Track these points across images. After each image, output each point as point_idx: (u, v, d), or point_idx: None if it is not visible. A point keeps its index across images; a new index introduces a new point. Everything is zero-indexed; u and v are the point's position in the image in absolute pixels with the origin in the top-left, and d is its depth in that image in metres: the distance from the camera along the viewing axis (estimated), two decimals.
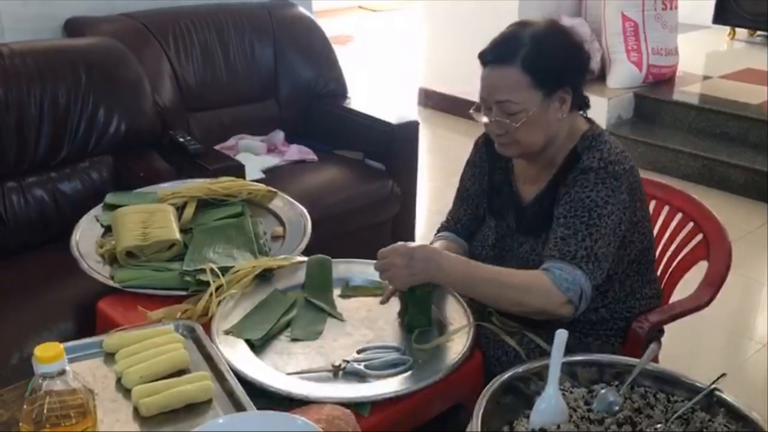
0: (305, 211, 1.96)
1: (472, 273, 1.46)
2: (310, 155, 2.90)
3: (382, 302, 1.57)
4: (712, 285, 1.66)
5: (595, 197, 1.45)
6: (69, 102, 2.25)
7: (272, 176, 2.67)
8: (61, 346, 0.93)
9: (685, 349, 2.56)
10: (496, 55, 1.48)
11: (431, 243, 1.72)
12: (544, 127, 1.49)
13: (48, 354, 0.92)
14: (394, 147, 2.84)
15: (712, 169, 4.00)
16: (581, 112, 1.59)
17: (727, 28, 5.84)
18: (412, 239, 2.95)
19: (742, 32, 5.85)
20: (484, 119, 1.52)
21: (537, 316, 1.47)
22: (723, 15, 5.60)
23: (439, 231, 1.79)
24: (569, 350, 1.23)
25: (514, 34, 1.49)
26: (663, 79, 4.64)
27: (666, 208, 1.89)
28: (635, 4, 4.47)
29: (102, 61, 2.37)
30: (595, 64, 4.57)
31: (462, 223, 1.74)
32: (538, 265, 1.49)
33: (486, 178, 1.69)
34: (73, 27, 2.69)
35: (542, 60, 1.45)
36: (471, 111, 1.57)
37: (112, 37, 2.55)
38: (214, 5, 2.99)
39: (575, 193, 1.46)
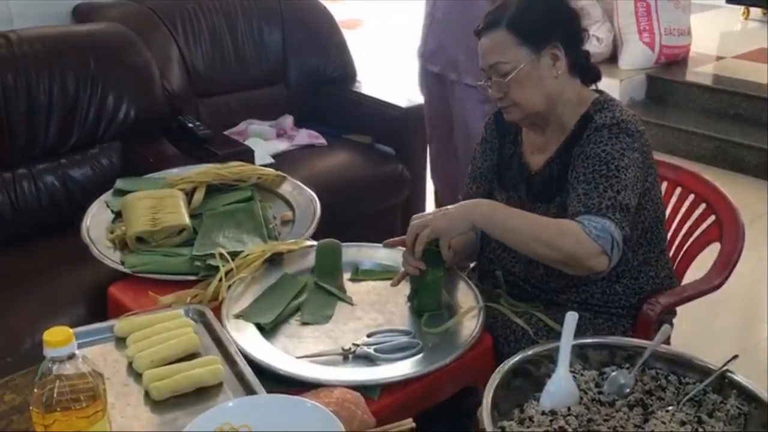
0: (314, 195, 1.95)
1: (508, 210, 1.49)
2: (319, 140, 2.89)
3: (393, 285, 1.57)
4: (725, 267, 1.65)
5: (611, 150, 1.46)
6: (78, 88, 2.26)
7: (281, 161, 2.67)
8: (70, 330, 0.94)
9: (697, 330, 2.55)
10: (486, 23, 1.55)
11: None
12: (537, 83, 1.51)
13: (57, 338, 0.92)
14: (404, 131, 2.83)
15: (725, 151, 3.96)
16: (593, 87, 1.60)
17: (741, 8, 5.76)
18: None
19: (756, 12, 5.77)
20: (488, 88, 1.56)
21: (571, 270, 1.43)
22: None
23: None
24: (579, 331, 1.22)
25: (503, 3, 1.56)
26: (676, 60, 4.59)
27: (678, 190, 1.87)
28: None
29: (110, 46, 2.37)
30: (606, 46, 4.53)
31: None
32: None
33: (496, 154, 1.71)
34: (82, 13, 2.70)
35: (525, 17, 1.51)
36: (478, 83, 1.64)
37: (120, 22, 2.54)
38: None
39: (590, 150, 1.47)
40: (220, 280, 1.54)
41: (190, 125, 2.46)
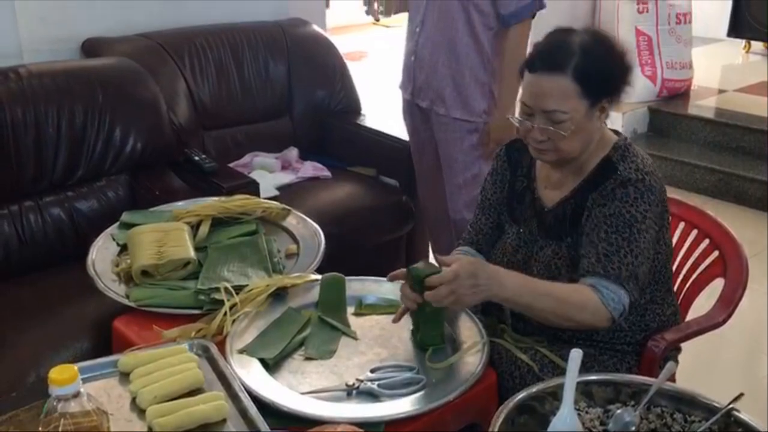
0: (319, 228, 1.97)
1: (531, 289, 1.47)
2: (324, 172, 2.91)
3: (395, 321, 1.57)
4: (729, 303, 1.65)
5: (635, 212, 1.47)
6: (86, 122, 2.28)
7: (286, 193, 2.69)
8: (76, 368, 0.94)
9: (702, 365, 2.53)
10: (547, 63, 1.47)
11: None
12: (583, 133, 1.50)
13: (63, 376, 0.92)
14: (407, 163, 2.84)
15: (728, 183, 3.97)
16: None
17: (742, 41, 5.82)
18: (426, 256, 2.95)
19: (757, 45, 5.82)
20: (527, 124, 1.52)
21: (574, 328, 1.49)
22: (737, 28, 5.57)
23: (460, 244, 1.79)
24: (584, 367, 1.22)
25: (563, 42, 1.49)
26: (678, 93, 4.63)
27: (682, 224, 1.88)
28: (649, 17, 4.47)
29: (118, 80, 2.40)
30: None
31: (484, 232, 1.74)
32: (561, 269, 1.53)
33: (507, 186, 1.71)
34: (91, 47, 2.73)
35: (592, 70, 1.46)
36: (510, 116, 1.59)
37: (129, 56, 2.58)
38: (229, 24, 3.02)
39: (615, 208, 1.48)
40: (225, 314, 1.54)
41: (196, 158, 2.49)
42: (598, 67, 1.47)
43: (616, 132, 1.61)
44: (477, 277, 1.41)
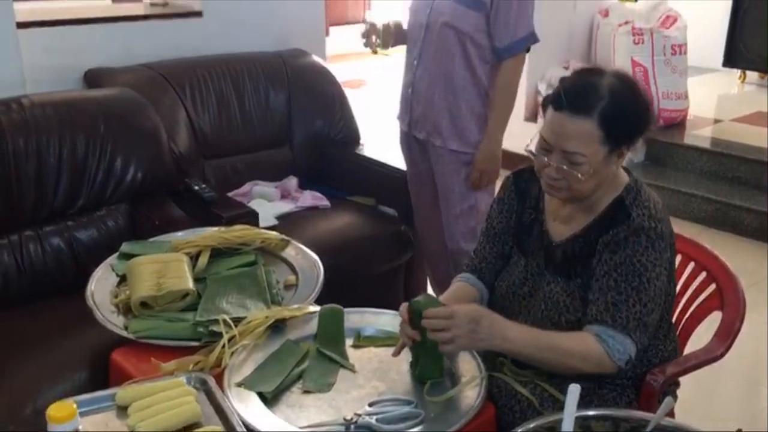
0: (318, 259, 1.97)
1: (534, 341, 1.46)
2: (323, 201, 2.92)
3: (394, 355, 1.56)
4: (727, 337, 1.65)
5: (646, 261, 1.47)
6: (87, 151, 2.30)
7: (286, 223, 2.70)
8: (74, 405, 0.95)
9: (701, 397, 2.52)
10: (575, 104, 1.45)
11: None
12: (599, 175, 1.50)
13: (61, 414, 0.93)
14: (406, 193, 2.85)
15: (725, 213, 3.99)
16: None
17: (738, 71, 5.87)
18: (425, 286, 2.95)
19: (752, 75, 5.88)
20: (543, 160, 1.51)
21: (577, 375, 1.48)
22: (733, 58, 5.63)
23: (462, 270, 1.79)
24: (583, 401, 1.22)
25: (592, 84, 1.48)
26: (674, 123, 4.67)
27: (679, 257, 1.88)
28: (644, 49, 4.52)
29: (120, 111, 2.42)
30: None
31: (488, 261, 1.74)
32: (571, 307, 1.54)
33: (514, 216, 1.70)
34: (93, 77, 2.76)
35: (618, 118, 1.45)
36: (528, 148, 1.56)
37: (131, 86, 2.60)
38: (230, 55, 3.05)
39: (626, 256, 1.47)
40: (223, 346, 1.54)
41: (196, 188, 2.50)
42: (624, 114, 1.46)
43: (626, 170, 1.61)
44: (478, 323, 1.41)
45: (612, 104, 1.45)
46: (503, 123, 2.48)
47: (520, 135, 2.99)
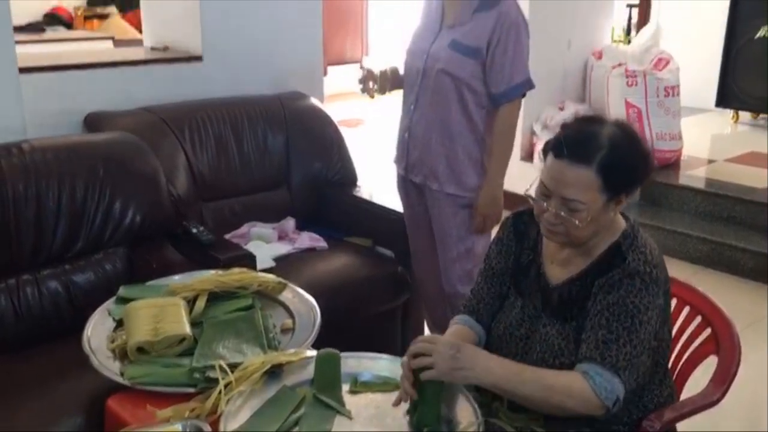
0: (314, 303, 1.98)
1: (517, 374, 1.47)
2: (320, 243, 2.94)
3: (395, 405, 1.56)
4: (723, 382, 1.65)
5: (638, 303, 1.48)
6: (86, 195, 2.31)
7: (283, 264, 2.70)
8: None
9: None
10: (575, 152, 1.48)
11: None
12: (597, 222, 1.52)
13: None
14: (403, 234, 2.87)
15: (720, 253, 4.01)
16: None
17: (731, 111, 5.94)
18: (422, 328, 2.95)
19: (745, 115, 5.95)
20: (542, 205, 1.54)
21: (566, 415, 1.47)
22: (726, 98, 5.72)
23: (460, 311, 1.79)
24: None
25: (592, 133, 1.50)
26: (669, 163, 4.71)
27: (674, 301, 1.89)
28: (638, 91, 4.58)
29: (119, 155, 2.45)
30: None
31: (485, 301, 1.74)
32: (566, 351, 1.53)
33: (512, 258, 1.71)
34: (93, 121, 2.80)
35: (617, 168, 1.48)
36: (527, 192, 1.58)
37: (130, 130, 2.63)
38: (229, 98, 3.10)
39: (620, 297, 1.48)
40: (219, 393, 1.54)
41: (194, 230, 2.51)
42: (623, 164, 1.49)
43: (624, 216, 1.63)
44: (459, 351, 1.44)
45: (611, 154, 1.47)
46: (503, 167, 2.51)
47: (517, 175, 3.04)
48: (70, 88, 2.83)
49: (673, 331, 1.86)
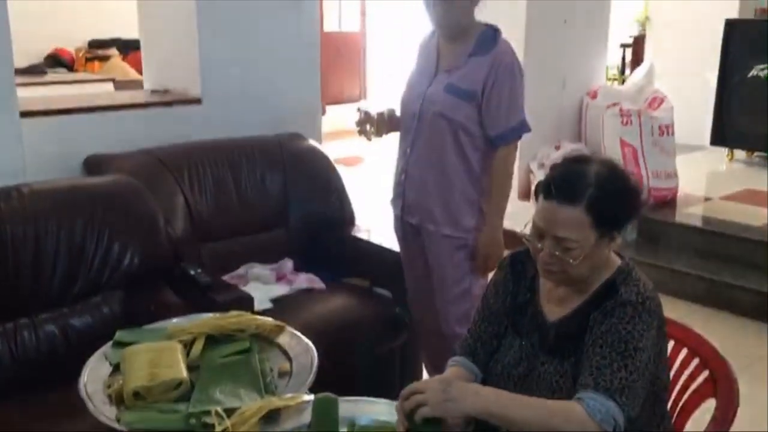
0: (312, 346, 1.97)
1: (512, 400, 1.47)
2: (318, 284, 2.94)
3: None
4: (721, 425, 1.64)
5: (632, 330, 1.49)
6: (85, 238, 2.33)
7: (281, 306, 2.70)
8: None
9: None
10: (563, 193, 1.52)
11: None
12: (593, 262, 1.55)
13: None
14: (400, 274, 2.88)
15: (718, 292, 4.01)
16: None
17: (726, 149, 5.99)
18: (420, 370, 2.94)
19: (740, 153, 6.00)
20: (537, 245, 1.56)
21: None
22: (720, 137, 5.75)
23: (455, 352, 1.79)
24: None
25: (579, 173, 1.54)
26: (665, 201, 4.73)
27: (671, 343, 1.89)
28: (633, 130, 4.63)
29: (118, 197, 2.46)
30: None
31: (482, 340, 1.75)
32: (564, 388, 1.53)
33: (509, 297, 1.73)
34: (92, 164, 2.82)
35: (606, 204, 1.51)
36: (522, 233, 1.61)
37: (129, 172, 2.66)
38: (228, 140, 3.13)
39: (612, 324, 1.50)
40: None
41: (192, 272, 2.52)
42: (611, 201, 1.52)
43: (620, 255, 1.65)
44: (449, 385, 1.46)
45: (599, 191, 1.50)
46: (502, 209, 2.53)
47: (514, 213, 3.05)
48: (70, 132, 2.86)
49: (671, 374, 1.86)
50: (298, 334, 2.05)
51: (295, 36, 3.48)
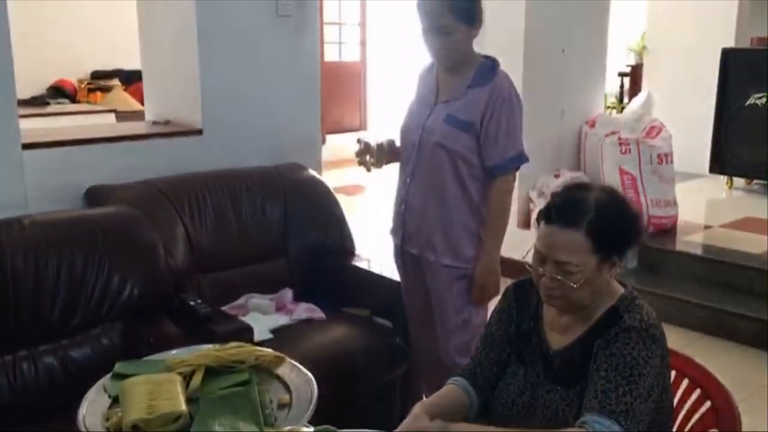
0: (312, 378, 1.96)
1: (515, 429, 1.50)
2: (317, 313, 2.93)
3: None
4: None
5: (636, 355, 1.50)
6: (85, 270, 2.33)
7: (280, 336, 2.70)
8: None
9: None
10: (563, 217, 1.56)
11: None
12: (594, 287, 1.57)
13: None
14: (400, 304, 2.87)
15: (720, 320, 3.99)
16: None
17: (725, 177, 6.01)
18: (420, 399, 2.90)
19: (739, 180, 6.02)
20: (539, 271, 1.58)
21: None
22: (719, 164, 5.79)
23: (458, 374, 1.80)
24: None
25: (579, 198, 1.58)
26: (665, 229, 4.74)
27: (672, 374, 1.89)
28: (631, 158, 4.65)
29: (119, 228, 2.47)
30: None
31: (483, 366, 1.76)
32: (569, 416, 1.54)
33: (513, 326, 1.73)
34: (94, 195, 2.83)
35: (605, 228, 1.54)
36: (524, 261, 1.64)
37: (130, 203, 2.67)
38: (228, 170, 3.14)
39: (617, 349, 1.51)
40: None
41: (192, 303, 2.52)
42: (611, 226, 1.55)
43: (622, 284, 1.67)
44: (448, 426, 1.48)
45: (598, 216, 1.54)
46: (499, 239, 2.53)
47: (514, 242, 3.06)
48: (72, 163, 2.87)
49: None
50: (298, 365, 2.04)
51: (295, 67, 3.52)
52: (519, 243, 3.44)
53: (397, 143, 2.69)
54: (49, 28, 6.41)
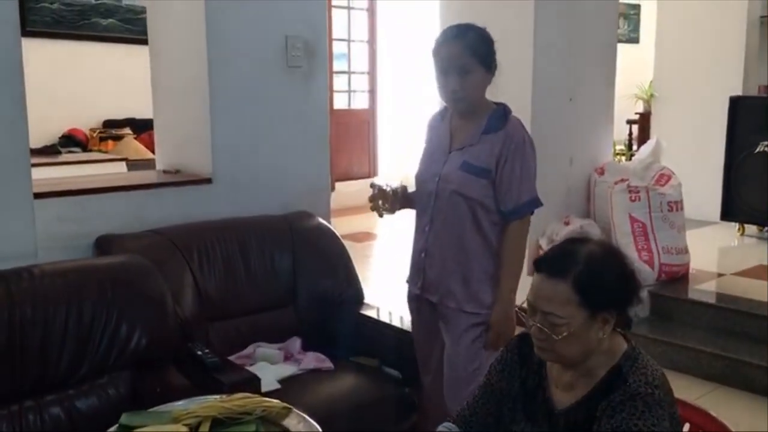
0: (320, 429, 1.94)
1: None
2: (326, 363, 2.91)
3: None
4: None
5: (642, 426, 1.46)
6: (93, 319, 2.32)
7: (288, 386, 2.67)
8: None
9: None
10: (551, 267, 1.55)
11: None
12: (584, 343, 1.54)
13: None
14: (410, 354, 2.84)
15: (735, 370, 3.92)
16: (619, 329, 1.63)
17: (736, 224, 5.97)
18: None
19: (751, 227, 5.98)
20: (529, 321, 1.57)
21: None
22: (730, 211, 5.74)
23: (448, 420, 1.77)
24: None
25: (570, 250, 1.58)
26: (676, 277, 4.69)
27: (686, 426, 1.85)
28: (641, 206, 4.63)
29: (127, 278, 2.47)
30: None
31: (478, 415, 1.74)
32: None
33: (518, 382, 1.71)
34: (103, 243, 2.85)
35: (593, 283, 1.52)
36: (520, 311, 1.63)
37: (139, 252, 2.67)
38: (237, 219, 3.16)
39: (623, 420, 1.48)
40: None
41: (199, 353, 2.50)
42: (599, 280, 1.53)
43: (626, 338, 1.63)
44: None
45: (587, 270, 1.52)
46: (514, 284, 2.52)
47: (523, 290, 3.02)
48: (83, 212, 2.89)
49: None
50: (306, 416, 2.02)
51: (304, 116, 3.56)
52: (527, 290, 3.41)
53: (410, 189, 2.70)
54: (61, 78, 6.53)
